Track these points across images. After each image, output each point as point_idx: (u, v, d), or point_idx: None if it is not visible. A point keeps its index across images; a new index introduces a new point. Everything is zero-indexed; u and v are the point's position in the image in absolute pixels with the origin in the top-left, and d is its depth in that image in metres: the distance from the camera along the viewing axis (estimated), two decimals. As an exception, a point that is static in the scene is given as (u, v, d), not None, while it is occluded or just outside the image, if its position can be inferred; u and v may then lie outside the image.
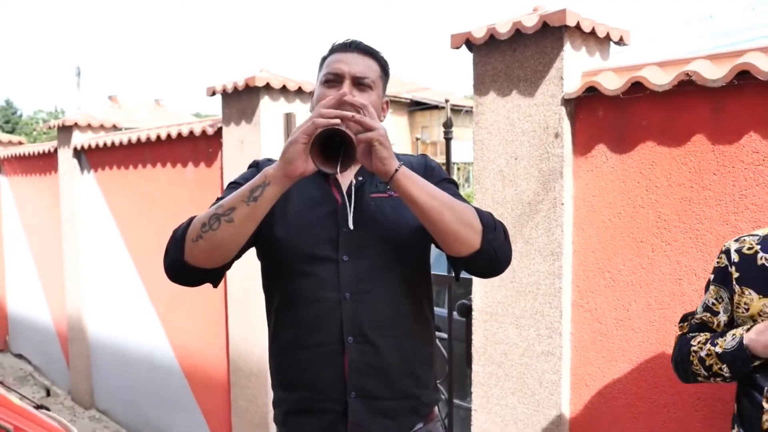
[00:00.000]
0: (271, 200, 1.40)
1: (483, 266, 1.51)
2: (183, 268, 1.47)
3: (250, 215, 1.40)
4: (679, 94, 1.95)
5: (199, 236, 1.42)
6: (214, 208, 1.43)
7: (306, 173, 1.37)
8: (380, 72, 1.62)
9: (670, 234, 2.00)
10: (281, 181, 1.38)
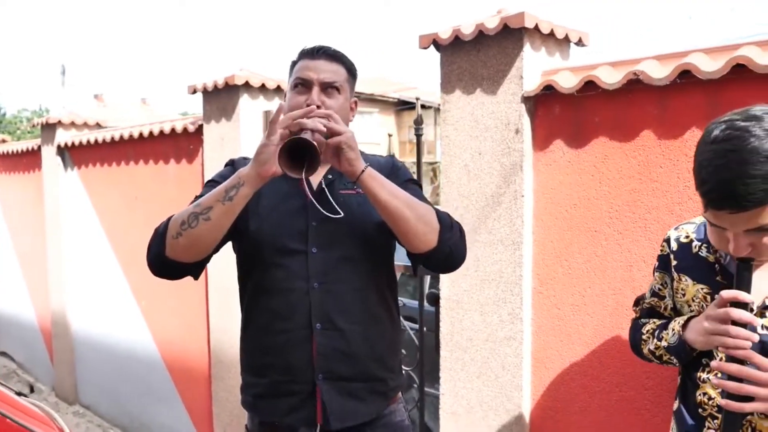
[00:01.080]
0: (245, 198, 1.51)
1: (439, 262, 1.63)
2: (165, 263, 1.57)
3: (225, 213, 1.51)
4: (629, 92, 2.07)
5: (179, 233, 1.52)
6: (192, 207, 1.53)
7: (278, 173, 1.47)
8: (347, 75, 1.72)
9: (621, 224, 2.12)
10: (254, 180, 1.49)
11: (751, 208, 1.22)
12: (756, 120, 1.24)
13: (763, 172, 1.19)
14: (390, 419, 1.75)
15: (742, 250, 1.31)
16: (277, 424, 1.69)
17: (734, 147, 1.23)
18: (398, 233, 1.55)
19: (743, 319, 1.30)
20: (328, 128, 1.48)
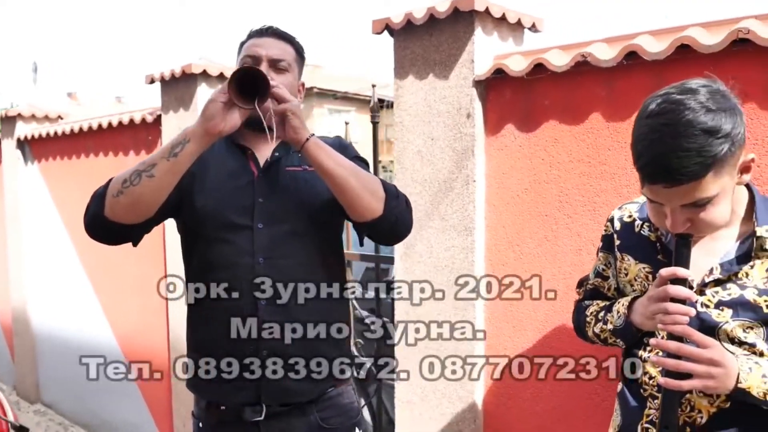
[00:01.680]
0: (191, 156, 1.50)
1: (385, 231, 1.64)
2: (103, 224, 1.56)
3: (170, 170, 1.49)
4: (578, 75, 2.06)
5: (120, 191, 1.51)
6: (135, 165, 1.52)
7: (225, 131, 1.47)
8: (295, 55, 1.74)
9: (571, 207, 2.11)
10: (201, 138, 1.49)
11: (686, 182, 1.20)
12: (692, 93, 1.23)
13: (697, 145, 1.18)
14: (338, 400, 1.73)
15: (679, 226, 1.29)
16: (222, 404, 1.67)
17: (669, 120, 1.22)
18: (344, 202, 1.56)
19: (681, 294, 1.29)
20: (275, 95, 1.48)
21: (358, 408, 1.81)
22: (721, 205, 1.27)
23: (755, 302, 1.31)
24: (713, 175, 1.21)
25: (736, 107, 1.23)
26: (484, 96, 2.30)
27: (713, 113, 1.19)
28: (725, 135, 1.19)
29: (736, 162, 1.25)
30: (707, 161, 1.19)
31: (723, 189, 1.25)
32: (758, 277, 1.32)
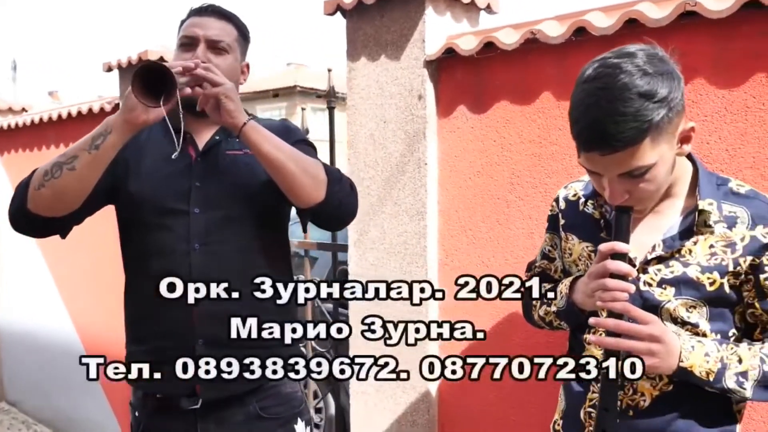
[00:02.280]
0: (113, 148, 1.44)
1: (328, 216, 1.59)
2: (26, 217, 1.50)
3: (91, 163, 1.43)
4: (528, 53, 2.01)
5: (41, 184, 1.45)
6: (57, 157, 1.46)
7: (149, 121, 1.41)
8: (237, 35, 1.67)
9: (522, 189, 2.06)
10: (123, 128, 1.42)
11: (622, 148, 1.15)
12: (629, 56, 1.18)
13: (633, 109, 1.13)
14: (279, 389, 1.68)
15: (617, 197, 1.24)
16: (159, 395, 1.61)
17: (604, 85, 1.16)
18: (283, 187, 1.50)
19: (620, 270, 1.23)
20: (206, 78, 1.42)
21: (301, 398, 1.75)
22: (660, 176, 1.22)
23: (698, 280, 1.26)
24: (650, 142, 1.15)
25: (673, 71, 1.18)
26: (436, 77, 2.24)
27: (649, 77, 1.14)
28: (661, 99, 1.14)
29: (674, 130, 1.19)
30: (643, 126, 1.13)
31: (661, 158, 1.19)
32: (701, 254, 1.27)
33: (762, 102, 1.65)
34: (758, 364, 1.23)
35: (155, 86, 1.37)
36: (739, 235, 1.25)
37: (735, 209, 1.27)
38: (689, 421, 1.30)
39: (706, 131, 1.73)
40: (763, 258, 1.24)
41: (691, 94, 1.74)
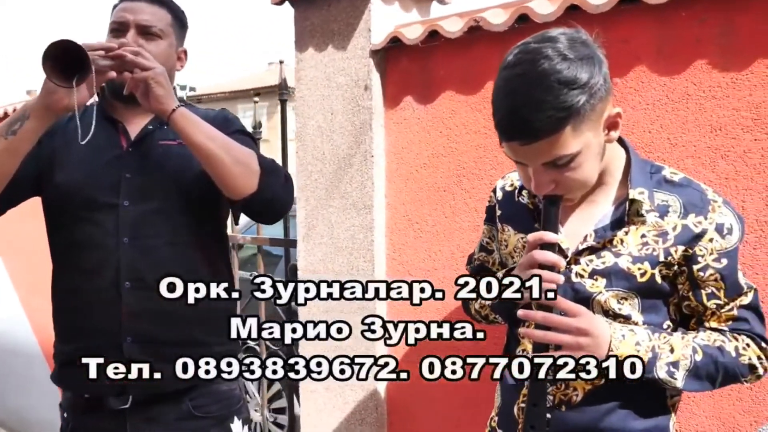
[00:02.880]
0: (32, 134, 1.38)
1: (261, 208, 1.54)
2: None
3: (8, 150, 1.38)
4: (473, 42, 1.96)
5: None
6: None
7: (71, 107, 1.34)
8: (171, 20, 1.62)
9: (468, 182, 2.02)
10: (43, 114, 1.37)
11: (543, 137, 1.10)
12: (550, 41, 1.13)
13: (552, 97, 1.08)
14: (216, 387, 1.62)
15: (543, 187, 1.19)
16: (87, 396, 1.55)
17: (523, 71, 1.11)
18: (215, 176, 1.45)
19: (548, 260, 1.19)
20: (134, 62, 1.37)
21: (239, 396, 1.69)
22: (587, 164, 1.18)
23: (629, 271, 1.22)
24: (572, 130, 1.11)
25: (595, 56, 1.13)
26: (383, 67, 2.19)
27: (569, 62, 1.09)
28: (582, 85, 1.09)
29: (598, 117, 1.15)
30: (562, 114, 1.08)
31: (586, 146, 1.15)
32: (633, 244, 1.23)
33: (702, 89, 1.61)
34: (690, 354, 1.20)
35: (72, 67, 1.31)
36: (671, 224, 1.22)
37: (667, 198, 1.23)
38: (622, 415, 1.26)
39: (647, 120, 1.69)
40: (695, 248, 1.20)
41: (633, 81, 1.71)
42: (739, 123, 1.57)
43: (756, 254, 1.56)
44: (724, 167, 1.59)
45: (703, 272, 1.21)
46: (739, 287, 1.24)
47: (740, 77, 1.56)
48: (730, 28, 1.57)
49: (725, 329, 1.25)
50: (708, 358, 1.20)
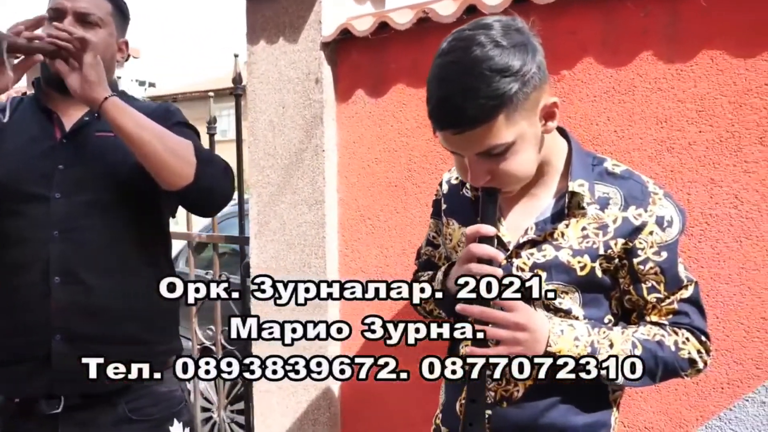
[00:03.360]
0: None
1: (197, 200, 1.49)
2: None
3: None
4: (423, 34, 1.93)
5: None
6: None
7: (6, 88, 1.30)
8: (112, 9, 1.57)
9: (419, 176, 1.98)
10: None
11: (475, 125, 1.06)
12: (484, 28, 1.09)
13: (484, 84, 1.04)
14: (154, 389, 1.56)
15: (479, 179, 1.15)
16: (15, 397, 1.48)
17: (456, 59, 1.08)
18: (149, 167, 1.41)
19: (485, 254, 1.15)
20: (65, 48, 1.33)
21: (180, 397, 1.63)
22: (523, 155, 1.14)
23: (569, 264, 1.19)
24: (505, 119, 1.07)
25: (529, 43, 1.10)
26: (334, 60, 2.15)
27: (502, 49, 1.06)
28: (514, 73, 1.06)
29: (533, 106, 1.11)
30: (494, 102, 1.05)
31: (521, 136, 1.11)
32: (574, 237, 1.20)
33: (648, 81, 1.59)
34: (630, 349, 1.17)
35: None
36: (612, 216, 1.19)
37: (609, 190, 1.21)
38: (563, 410, 1.23)
39: (595, 112, 1.67)
40: (635, 241, 1.18)
41: (580, 73, 1.69)
42: (684, 115, 1.55)
43: (701, 247, 1.55)
44: (669, 160, 1.57)
45: (643, 265, 1.19)
46: (680, 281, 1.22)
47: (685, 69, 1.55)
48: (675, 18, 1.55)
49: (665, 323, 1.23)
50: (647, 353, 1.18)
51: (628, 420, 1.66)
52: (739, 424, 1.52)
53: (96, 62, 1.37)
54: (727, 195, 1.51)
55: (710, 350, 1.22)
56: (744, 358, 1.51)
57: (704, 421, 1.56)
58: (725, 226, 1.51)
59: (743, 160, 1.49)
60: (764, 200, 1.47)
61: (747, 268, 1.50)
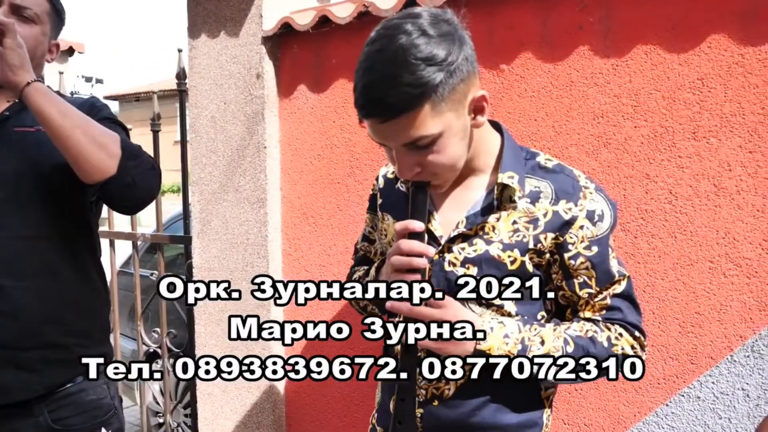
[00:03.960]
0: None
1: (119, 195, 1.43)
2: None
3: None
4: (363, 28, 1.90)
5: None
6: None
7: None
8: (49, 9, 1.53)
9: (361, 173, 1.95)
10: None
11: (398, 114, 1.03)
12: (412, 17, 1.06)
13: (407, 73, 1.01)
14: (79, 397, 1.49)
15: (407, 171, 1.13)
16: None
17: (381, 47, 1.05)
18: (68, 157, 1.35)
19: (414, 250, 1.12)
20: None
21: (109, 405, 1.56)
22: (451, 148, 1.11)
23: (499, 258, 1.17)
24: (431, 110, 1.04)
25: (455, 34, 1.07)
26: (276, 55, 2.10)
27: (428, 38, 1.03)
28: (439, 63, 1.03)
29: (461, 98, 1.09)
30: (417, 90, 1.02)
31: (448, 128, 1.09)
32: (504, 231, 1.17)
33: (585, 76, 1.58)
34: (561, 346, 1.15)
35: None
36: (542, 210, 1.17)
37: (540, 184, 1.19)
38: (494, 409, 1.21)
39: (533, 107, 1.65)
40: (566, 236, 1.16)
41: (519, 68, 1.67)
42: (620, 110, 1.54)
43: (637, 243, 1.54)
44: (606, 155, 1.57)
45: (574, 260, 1.17)
46: (611, 275, 1.20)
47: (620, 63, 1.54)
48: (610, 13, 1.54)
49: (599, 319, 1.21)
50: (579, 350, 1.16)
51: (568, 417, 1.65)
52: (675, 419, 1.52)
53: (18, 45, 1.30)
54: (662, 190, 1.50)
55: (645, 345, 1.20)
56: (679, 353, 1.51)
57: (641, 417, 1.55)
58: (660, 221, 1.51)
59: (677, 155, 1.48)
60: (697, 195, 1.47)
61: (681, 264, 1.49)
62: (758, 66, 1.39)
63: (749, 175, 1.41)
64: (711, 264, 1.46)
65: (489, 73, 1.71)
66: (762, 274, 1.41)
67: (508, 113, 1.68)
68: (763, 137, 1.39)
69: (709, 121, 1.44)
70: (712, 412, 1.48)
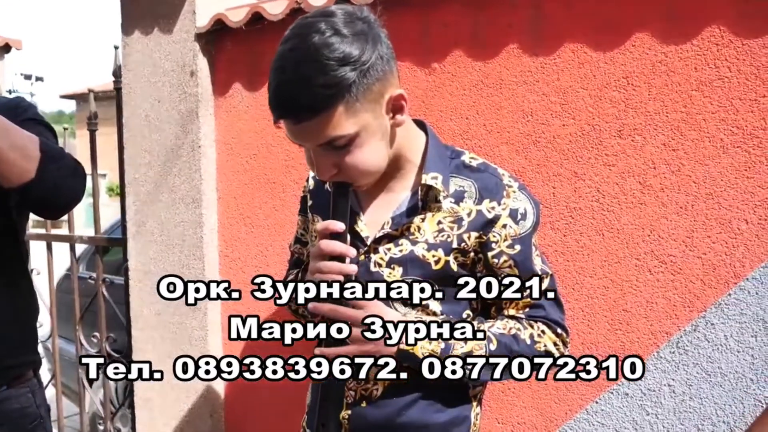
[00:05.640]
0: None
1: (40, 200, 1.37)
2: None
3: None
4: (297, 25, 1.87)
5: None
6: None
7: None
8: None
9: (297, 172, 1.92)
10: None
11: (312, 116, 1.01)
12: (326, 15, 1.04)
13: (321, 72, 0.99)
14: (4, 406, 1.43)
15: (325, 172, 1.11)
16: None
17: (293, 46, 1.02)
18: None
19: (335, 251, 1.11)
20: None
21: (36, 413, 1.51)
22: (369, 148, 1.09)
23: (424, 258, 1.15)
24: (345, 110, 1.02)
25: (370, 32, 1.05)
26: (211, 52, 2.06)
27: (341, 37, 1.01)
28: (353, 62, 1.01)
29: (377, 98, 1.07)
30: (330, 91, 1.00)
31: (365, 128, 1.07)
32: (429, 231, 1.16)
33: (515, 74, 1.58)
34: (485, 344, 1.15)
35: None
36: (467, 210, 1.16)
37: (464, 183, 1.18)
38: (422, 407, 1.20)
39: (465, 106, 1.65)
40: (489, 235, 1.15)
41: (451, 66, 1.66)
42: (549, 108, 1.54)
43: (566, 241, 1.54)
44: (535, 153, 1.56)
45: (497, 259, 1.17)
46: (534, 274, 1.20)
47: (548, 62, 1.54)
48: (539, 11, 1.54)
49: (522, 317, 1.21)
50: (503, 347, 1.16)
51: (502, 416, 1.64)
52: (605, 416, 1.53)
53: None
54: (590, 188, 1.51)
55: (567, 342, 1.21)
56: (608, 350, 1.51)
57: (572, 414, 1.56)
58: (588, 219, 1.52)
59: (604, 153, 1.49)
60: (623, 193, 1.47)
61: (609, 261, 1.50)
62: (680, 65, 1.40)
63: (673, 173, 1.42)
64: (637, 261, 1.47)
65: (421, 71, 1.70)
66: (686, 270, 1.42)
67: (440, 111, 1.67)
68: (686, 135, 1.40)
69: (635, 119, 1.45)
70: (640, 409, 1.49)
